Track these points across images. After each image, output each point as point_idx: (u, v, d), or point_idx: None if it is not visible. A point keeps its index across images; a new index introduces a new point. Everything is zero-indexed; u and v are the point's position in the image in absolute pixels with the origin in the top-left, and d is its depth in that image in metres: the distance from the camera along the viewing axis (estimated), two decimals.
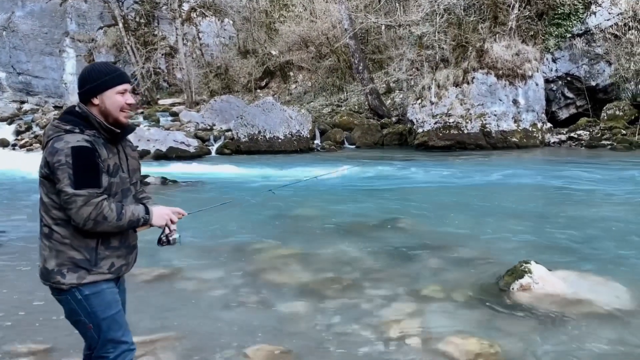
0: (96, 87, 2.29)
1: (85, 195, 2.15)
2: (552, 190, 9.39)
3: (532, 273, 4.39)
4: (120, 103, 2.32)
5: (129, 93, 2.37)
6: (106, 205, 2.19)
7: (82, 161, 2.16)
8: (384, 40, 23.76)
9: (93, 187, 2.18)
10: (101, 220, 2.18)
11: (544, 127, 17.60)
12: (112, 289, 2.38)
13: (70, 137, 2.19)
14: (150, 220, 2.37)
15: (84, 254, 2.27)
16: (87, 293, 2.29)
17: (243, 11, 28.15)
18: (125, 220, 2.25)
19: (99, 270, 2.30)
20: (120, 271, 2.41)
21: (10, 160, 15.86)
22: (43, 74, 29.55)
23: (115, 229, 2.27)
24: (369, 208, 8.48)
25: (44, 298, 4.49)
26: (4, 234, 6.95)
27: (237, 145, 17.56)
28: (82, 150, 2.17)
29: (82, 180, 2.15)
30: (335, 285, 4.78)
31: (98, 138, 2.26)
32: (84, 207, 2.16)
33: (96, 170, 2.19)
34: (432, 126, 17.03)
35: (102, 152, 2.24)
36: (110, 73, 2.33)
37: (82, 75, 2.34)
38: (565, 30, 18.50)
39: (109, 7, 27.00)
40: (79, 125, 2.25)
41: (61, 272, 2.26)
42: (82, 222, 2.17)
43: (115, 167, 2.30)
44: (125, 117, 2.36)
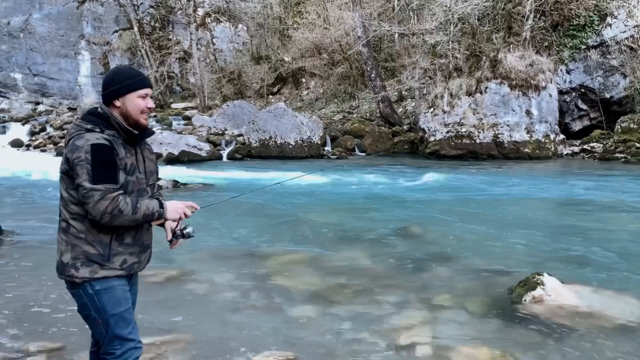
0: (119, 90, 2.38)
1: (102, 190, 2.23)
2: (564, 202, 9.31)
3: (545, 285, 4.34)
4: (141, 106, 2.41)
5: (149, 97, 2.46)
6: (122, 199, 2.26)
7: (100, 158, 2.24)
8: (397, 48, 23.77)
9: (110, 182, 2.25)
10: (117, 213, 2.25)
11: (557, 138, 17.48)
12: (124, 286, 2.43)
13: (90, 135, 2.28)
14: (165, 214, 2.42)
15: (97, 249, 2.34)
16: (97, 288, 2.34)
17: (257, 17, 28.31)
18: (141, 213, 2.31)
19: (112, 265, 2.36)
20: (132, 268, 2.45)
21: (25, 161, 16.03)
22: (58, 76, 29.87)
23: (131, 223, 2.33)
24: (379, 215, 8.46)
25: (56, 297, 4.52)
26: (16, 234, 7.01)
27: (249, 150, 17.61)
28: (101, 148, 2.25)
29: (99, 176, 2.23)
30: (345, 291, 4.76)
31: (117, 138, 2.35)
32: (101, 201, 2.23)
33: (113, 166, 2.28)
34: (444, 135, 16.98)
35: (120, 151, 2.32)
36: (133, 77, 2.42)
37: (107, 77, 2.44)
38: (580, 42, 18.39)
39: (124, 11, 27.29)
40: (99, 125, 2.33)
41: (75, 266, 2.33)
42: (99, 216, 2.24)
43: (132, 166, 2.38)
44: (145, 120, 2.45)
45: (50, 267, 5.48)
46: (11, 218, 7.78)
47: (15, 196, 10.42)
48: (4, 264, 5.74)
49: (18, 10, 29.91)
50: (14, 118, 23.94)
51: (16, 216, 8.18)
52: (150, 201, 2.38)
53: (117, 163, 2.30)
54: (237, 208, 8.68)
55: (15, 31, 29.89)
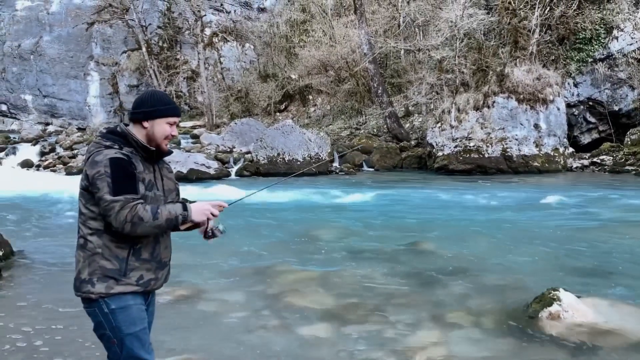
0: (152, 113, 2.46)
1: (122, 200, 2.26)
2: (576, 215, 9.21)
3: (561, 301, 4.27)
4: (167, 132, 2.50)
5: (175, 126, 2.55)
6: (141, 207, 2.28)
7: (120, 170, 2.30)
8: (403, 64, 23.87)
9: (130, 192, 2.29)
10: (137, 221, 2.26)
11: (566, 151, 17.39)
12: (139, 305, 2.42)
13: (108, 151, 2.35)
14: (190, 217, 2.40)
15: (114, 264, 2.35)
16: (113, 307, 2.34)
17: (264, 36, 28.58)
18: (163, 219, 2.31)
19: (128, 281, 2.36)
20: (148, 285, 2.44)
21: (35, 181, 16.14)
22: (68, 97, 30.23)
23: (154, 229, 2.33)
24: (390, 231, 8.39)
25: (67, 318, 4.50)
26: (27, 255, 7.01)
27: (257, 167, 17.64)
28: (119, 161, 2.31)
29: (119, 188, 2.28)
30: (357, 310, 4.70)
31: (135, 155, 2.41)
32: (121, 211, 2.25)
33: (133, 178, 2.33)
34: (452, 150, 16.93)
35: (139, 166, 2.38)
36: (167, 104, 2.52)
37: (142, 98, 2.53)
38: (586, 55, 18.38)
39: (133, 32, 27.65)
40: (118, 142, 2.40)
41: (92, 281, 2.34)
42: (120, 226, 2.26)
43: (149, 183, 2.42)
44: (166, 146, 2.54)
45: (61, 287, 5.48)
46: (22, 238, 7.79)
47: (25, 216, 10.45)
48: (15, 285, 5.73)
49: (29, 33, 30.40)
50: (24, 139, 24.16)
51: (27, 237, 8.20)
52: (173, 205, 2.39)
53: (137, 175, 2.35)
54: (244, 225, 8.67)
55: (26, 53, 30.34)
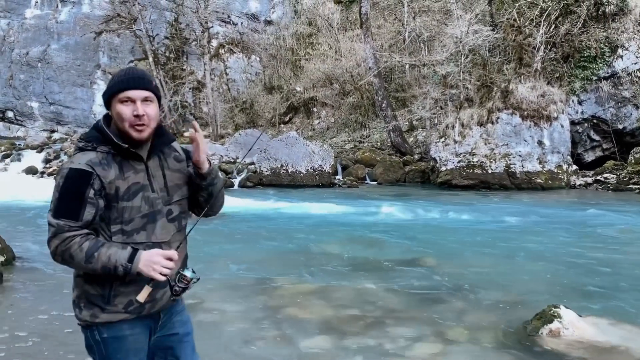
0: (104, 95, 2.00)
1: (55, 227, 1.89)
2: (579, 233, 9.18)
3: (562, 318, 4.25)
4: (125, 114, 1.93)
5: (140, 102, 1.94)
6: (76, 242, 1.87)
7: (69, 186, 1.89)
8: (408, 79, 23.98)
9: (69, 218, 1.88)
10: (68, 259, 1.89)
11: (570, 169, 17.37)
12: (137, 336, 2.05)
13: (77, 157, 1.95)
14: (135, 269, 1.88)
15: (97, 289, 1.98)
16: (105, 336, 2.01)
17: (270, 48, 28.79)
18: (97, 265, 1.87)
19: (114, 308, 1.98)
20: (142, 310, 2.01)
21: (39, 188, 16.19)
22: (74, 105, 30.42)
23: (90, 272, 1.93)
24: (391, 245, 8.39)
25: (67, 325, 4.50)
26: (29, 260, 7.03)
27: (260, 178, 17.67)
28: (74, 175, 1.90)
29: (60, 208, 1.90)
30: (357, 323, 4.69)
31: (109, 154, 1.96)
32: (53, 239, 1.90)
33: (79, 200, 1.88)
34: (456, 165, 16.94)
35: (108, 174, 1.92)
36: (117, 78, 1.97)
37: None
38: (591, 73, 18.43)
39: (140, 42, 27.87)
40: (93, 140, 1.97)
41: (79, 306, 2.03)
42: (53, 256, 1.93)
43: (134, 187, 1.97)
44: (139, 132, 1.95)
45: (62, 294, 5.48)
46: (24, 244, 7.83)
47: (28, 223, 10.49)
48: (17, 291, 5.75)
49: (37, 41, 30.68)
50: (30, 145, 24.27)
51: (29, 243, 8.22)
52: (117, 250, 1.89)
53: (86, 195, 1.88)
54: (246, 236, 8.68)
55: (34, 61, 30.60)
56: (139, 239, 1.98)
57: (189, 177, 2.17)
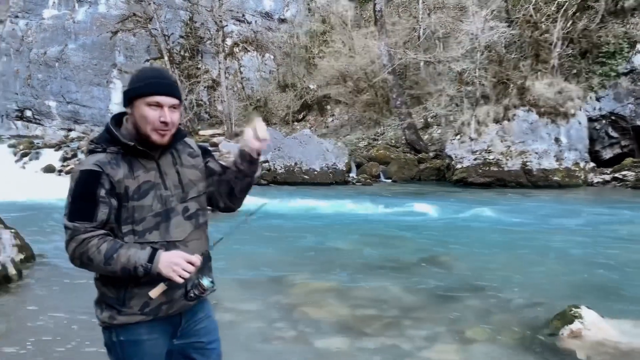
0: (127, 93, 1.95)
1: (71, 230, 1.87)
2: (598, 231, 9.04)
3: (583, 318, 4.17)
4: (150, 118, 1.90)
5: (167, 108, 1.91)
6: (93, 244, 1.85)
7: (80, 189, 1.88)
8: (423, 76, 23.84)
9: (84, 220, 1.86)
10: (86, 261, 1.87)
11: (587, 166, 17.13)
12: (155, 340, 2.02)
13: (88, 158, 1.93)
14: (155, 269, 1.86)
15: (112, 292, 1.97)
16: (122, 338, 2.00)
17: (284, 47, 28.80)
18: (117, 267, 1.85)
19: (130, 310, 1.96)
20: (158, 311, 1.98)
21: (57, 186, 16.35)
22: (90, 104, 30.74)
23: (109, 274, 1.91)
24: (407, 243, 8.33)
25: (86, 324, 4.53)
26: (47, 259, 7.10)
27: (274, 176, 17.69)
28: (84, 176, 1.88)
29: (74, 211, 1.88)
30: (374, 323, 4.66)
31: (121, 154, 1.93)
32: (70, 242, 1.88)
33: (91, 200, 1.86)
34: (472, 162, 16.80)
35: (117, 173, 1.90)
36: (146, 79, 1.92)
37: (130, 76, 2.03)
38: (609, 69, 18.14)
39: (155, 41, 28.05)
40: (102, 142, 1.95)
41: (100, 307, 2.02)
42: (71, 260, 1.90)
43: (145, 186, 1.93)
44: (161, 137, 1.93)
45: (80, 293, 5.52)
46: (43, 242, 7.90)
47: (46, 221, 10.60)
48: (36, 289, 5.80)
49: (55, 41, 31.03)
50: (47, 144, 24.60)
51: (48, 241, 8.30)
52: (138, 250, 1.87)
53: (97, 195, 1.86)
54: (260, 234, 8.67)
55: (51, 61, 30.96)
56: (152, 238, 1.94)
57: (209, 172, 2.16)
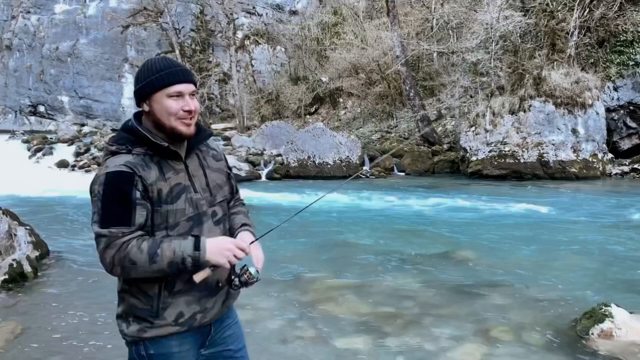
0: (142, 89, 1.83)
1: (107, 236, 1.73)
2: (620, 224, 8.83)
3: (614, 317, 4.02)
4: (173, 109, 1.80)
5: (188, 96, 1.83)
6: (133, 245, 1.72)
7: (113, 192, 1.74)
8: (436, 67, 23.56)
9: (120, 225, 1.73)
10: (129, 265, 1.72)
11: (605, 157, 16.83)
12: (185, 353, 1.91)
13: (112, 160, 1.80)
14: (203, 258, 1.77)
15: (144, 302, 1.85)
16: (151, 352, 1.88)
17: (295, 39, 28.61)
18: (164, 263, 1.72)
19: (163, 322, 1.85)
20: (193, 322, 1.90)
21: (70, 181, 16.42)
22: (102, 98, 30.83)
23: (156, 274, 1.77)
24: (424, 238, 8.18)
25: (101, 323, 4.47)
26: (62, 255, 7.07)
27: (287, 170, 17.60)
28: (116, 178, 1.74)
29: (108, 217, 1.74)
30: (395, 321, 4.54)
31: (147, 156, 1.82)
32: (106, 250, 1.73)
33: (127, 203, 1.74)
34: (487, 154, 16.57)
35: (150, 175, 1.79)
36: (161, 70, 1.81)
37: (136, 73, 1.89)
38: (627, 58, 17.76)
39: (166, 35, 28.02)
40: (126, 143, 1.83)
41: (127, 320, 1.89)
42: (108, 270, 1.76)
43: (176, 189, 1.83)
44: (187, 126, 1.84)
45: (96, 290, 5.47)
46: (57, 239, 7.89)
47: (60, 216, 10.61)
48: (51, 286, 5.77)
49: (66, 36, 31.12)
50: (61, 139, 24.68)
51: (62, 237, 8.29)
52: (180, 241, 1.76)
53: (133, 197, 1.75)
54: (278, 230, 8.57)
55: (63, 56, 31.07)
56: None
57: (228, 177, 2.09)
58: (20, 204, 11.18)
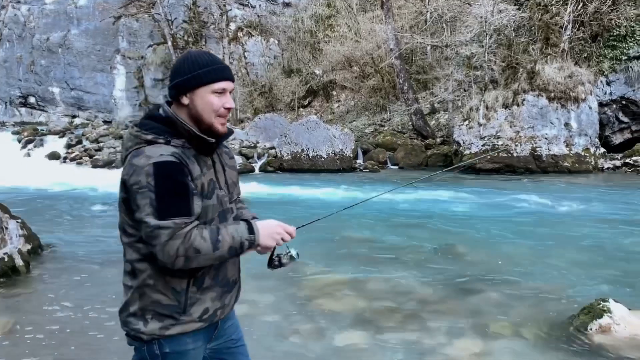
0: (188, 82, 1.80)
1: (171, 228, 1.68)
2: (615, 219, 8.86)
3: (612, 312, 4.03)
4: (216, 106, 1.81)
5: (228, 94, 1.85)
6: (196, 234, 1.71)
7: (168, 182, 1.70)
8: (430, 61, 23.52)
9: (182, 215, 1.70)
10: (193, 254, 1.70)
11: (597, 152, 16.91)
12: (199, 349, 1.91)
13: (152, 149, 1.73)
14: (257, 242, 1.83)
15: (171, 298, 1.80)
16: (167, 350, 1.83)
17: (288, 31, 28.43)
18: (225, 248, 1.75)
19: (188, 318, 1.83)
20: (214, 317, 1.90)
21: (61, 174, 16.28)
22: (94, 90, 30.52)
23: (214, 261, 1.78)
24: (419, 233, 8.16)
25: (95, 317, 4.41)
26: (55, 248, 6.99)
27: (281, 163, 17.54)
28: (168, 168, 1.70)
29: (167, 208, 1.68)
30: (393, 316, 4.53)
31: (187, 149, 1.79)
32: (170, 242, 1.67)
33: (185, 193, 1.72)
34: (480, 148, 16.58)
35: (194, 169, 1.77)
36: (207, 65, 1.81)
37: (175, 65, 1.85)
38: (620, 53, 17.82)
39: (158, 26, 27.76)
40: (163, 133, 1.77)
41: (144, 318, 1.82)
42: (170, 261, 1.70)
43: (210, 185, 1.83)
44: (223, 125, 1.86)
45: (89, 284, 5.41)
46: (49, 232, 7.79)
47: (52, 209, 10.50)
48: (44, 280, 5.70)
49: (57, 27, 30.74)
50: (52, 131, 24.43)
51: (54, 230, 8.20)
52: (236, 227, 1.80)
53: (190, 186, 1.73)
54: None
55: (54, 46, 30.71)
56: None
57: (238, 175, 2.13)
58: (11, 196, 11.04)
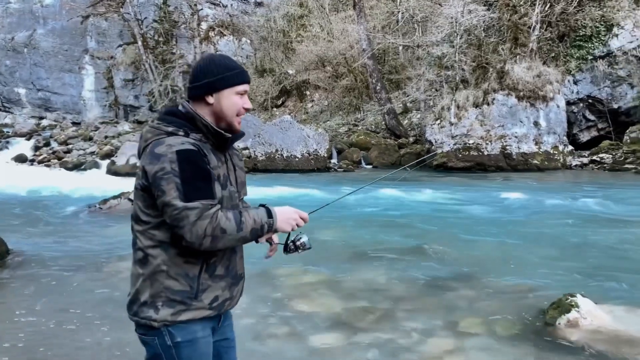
0: (216, 82, 1.96)
1: (199, 208, 1.77)
2: (582, 215, 9.09)
3: (580, 307, 4.13)
4: (238, 106, 2.00)
5: (247, 96, 2.04)
6: (222, 215, 1.81)
7: (191, 167, 1.81)
8: (402, 61, 23.72)
9: (207, 197, 1.81)
10: (219, 234, 1.79)
11: (566, 149, 17.33)
12: (208, 338, 1.97)
13: (173, 140, 1.85)
14: (275, 226, 1.94)
15: (183, 284, 1.88)
16: (178, 340, 1.89)
17: (261, 31, 28.34)
18: (247, 230, 1.86)
19: (199, 305, 1.90)
20: (222, 307, 1.97)
21: (29, 176, 15.90)
22: (62, 91, 29.87)
23: (237, 243, 1.89)
24: (393, 231, 8.23)
25: (67, 320, 4.33)
26: (22, 253, 6.82)
27: (254, 163, 17.45)
28: (190, 154, 1.82)
29: (193, 190, 1.79)
30: (367, 316, 4.55)
31: (205, 143, 1.92)
32: (198, 221, 1.77)
33: (208, 177, 1.84)
34: (452, 147, 16.82)
35: (212, 159, 1.90)
36: (233, 69, 1.99)
37: (201, 66, 1.99)
38: (586, 52, 18.29)
39: (128, 26, 27.33)
40: (183, 127, 1.91)
41: (155, 305, 1.88)
42: (198, 241, 1.78)
43: (224, 178, 1.95)
44: (239, 123, 2.03)
45: (58, 290, 5.29)
46: (16, 236, 7.60)
47: (19, 213, 10.26)
48: (12, 286, 5.56)
49: (22, 26, 29.98)
50: (18, 133, 23.85)
51: (21, 234, 8.01)
52: (257, 211, 1.92)
53: (212, 172, 1.86)
54: None
55: (20, 46, 29.94)
56: None
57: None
58: None
